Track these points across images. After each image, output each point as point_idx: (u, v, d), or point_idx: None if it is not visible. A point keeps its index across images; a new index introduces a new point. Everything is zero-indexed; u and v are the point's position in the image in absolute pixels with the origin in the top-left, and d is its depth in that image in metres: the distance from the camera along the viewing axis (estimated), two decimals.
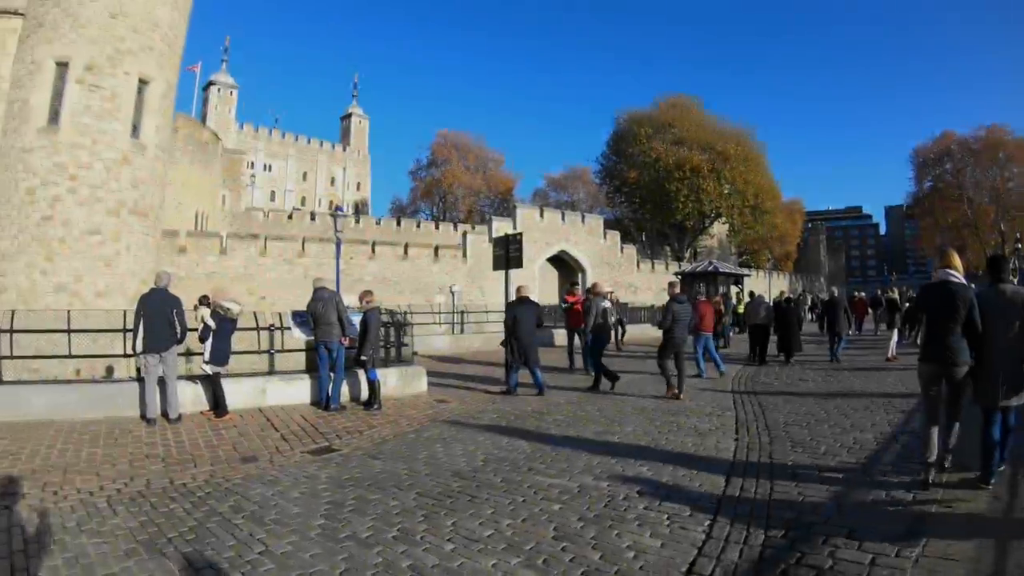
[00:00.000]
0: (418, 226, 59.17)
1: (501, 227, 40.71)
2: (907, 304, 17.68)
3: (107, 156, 17.89)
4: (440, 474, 6.60)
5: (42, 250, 17.23)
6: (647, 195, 66.55)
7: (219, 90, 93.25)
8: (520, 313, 12.07)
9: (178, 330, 9.48)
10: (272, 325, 11.34)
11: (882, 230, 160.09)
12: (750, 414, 9.25)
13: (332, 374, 10.52)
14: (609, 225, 73.36)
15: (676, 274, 32.35)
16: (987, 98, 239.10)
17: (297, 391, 10.82)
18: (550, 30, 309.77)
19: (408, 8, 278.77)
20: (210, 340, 9.74)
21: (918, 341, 6.18)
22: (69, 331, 10.82)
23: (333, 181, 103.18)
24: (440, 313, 30.03)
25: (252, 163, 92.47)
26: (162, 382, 9.44)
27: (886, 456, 6.81)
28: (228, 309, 9.89)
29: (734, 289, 29.86)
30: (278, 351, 11.33)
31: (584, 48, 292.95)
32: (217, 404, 9.71)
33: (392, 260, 37.72)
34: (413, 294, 36.38)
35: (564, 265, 45.73)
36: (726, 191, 63.59)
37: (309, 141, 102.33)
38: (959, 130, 79.76)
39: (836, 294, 17.70)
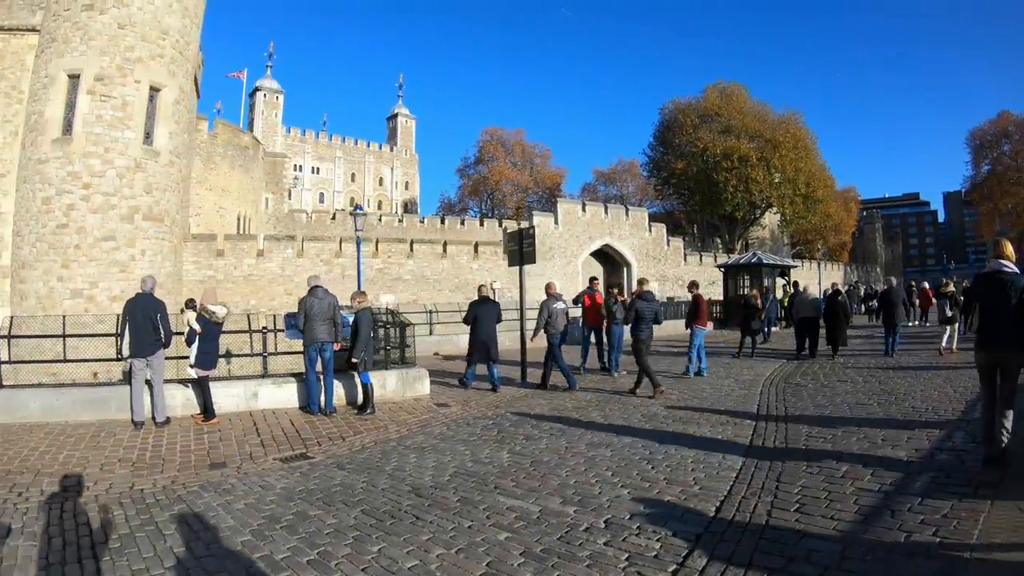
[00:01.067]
0: (462, 223, 58.81)
1: (542, 222, 40.23)
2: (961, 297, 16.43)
3: (120, 164, 18.08)
4: (398, 489, 6.08)
5: (58, 257, 17.54)
6: (695, 186, 64.98)
7: (264, 95, 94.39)
8: (481, 312, 12.54)
9: (162, 334, 9.27)
10: (265, 328, 11.07)
11: (941, 218, 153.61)
12: (769, 435, 7.65)
13: (323, 377, 10.18)
14: (659, 218, 72.56)
15: (719, 266, 31.27)
16: None
17: (290, 394, 10.49)
18: (597, 22, 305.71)
19: (450, 6, 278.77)
20: (196, 344, 9.51)
21: (973, 330, 6.21)
22: (64, 335, 10.81)
23: (381, 181, 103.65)
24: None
25: (300, 166, 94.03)
26: (151, 385, 9.28)
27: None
28: (213, 313, 9.61)
29: (779, 281, 28.62)
30: (271, 353, 11.01)
31: (633, 38, 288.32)
32: (206, 408, 9.45)
33: (431, 258, 37.45)
34: (453, 292, 36.13)
35: (610, 260, 44.85)
36: (776, 180, 61.53)
37: (356, 142, 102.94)
38: (1016, 110, 74.91)
39: (893, 284, 16.99)
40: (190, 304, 12.16)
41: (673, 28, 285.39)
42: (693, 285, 15.16)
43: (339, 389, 10.62)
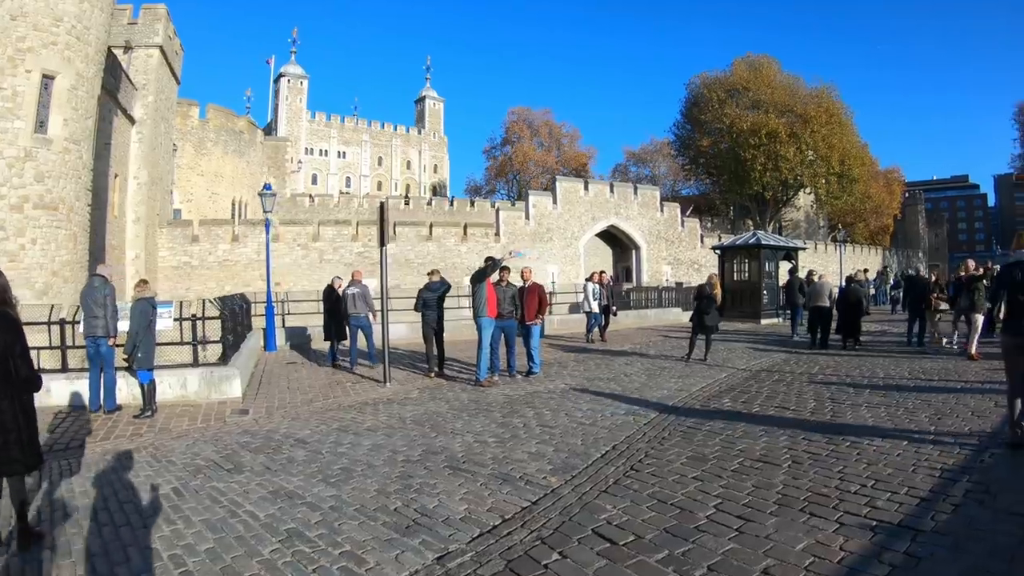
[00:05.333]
0: (472, 205, 57.17)
1: (539, 202, 38.26)
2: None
3: (9, 154, 17.40)
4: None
5: None
6: (723, 165, 61.99)
7: (289, 81, 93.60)
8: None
9: None
10: (63, 319, 10.01)
11: (991, 201, 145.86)
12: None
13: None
14: (691, 200, 69.88)
15: (714, 248, 28.70)
16: None
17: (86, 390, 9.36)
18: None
19: None
20: None
21: (1000, 317, 6.46)
22: None
23: (409, 165, 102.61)
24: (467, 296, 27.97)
25: (325, 151, 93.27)
26: None
27: None
28: None
29: (785, 265, 26.01)
30: (70, 347, 10.00)
31: (662, 12, 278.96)
32: None
33: (415, 241, 36.04)
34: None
35: (617, 242, 42.57)
36: (808, 157, 58.09)
37: (383, 126, 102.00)
38: None
39: (920, 271, 15.16)
40: None
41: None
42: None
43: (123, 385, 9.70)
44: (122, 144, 29.52)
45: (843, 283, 17.29)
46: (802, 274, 20.32)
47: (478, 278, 11.66)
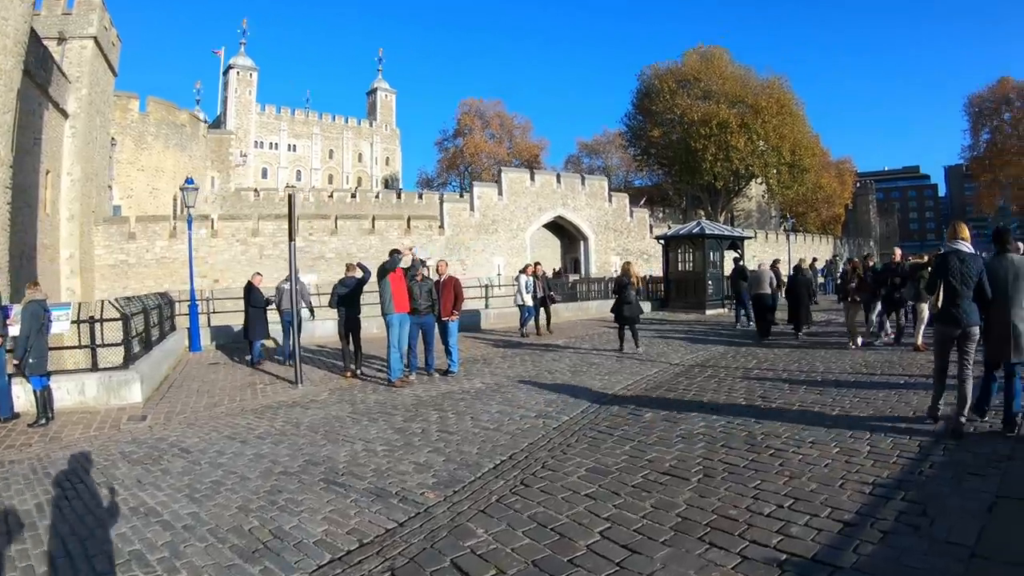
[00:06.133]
0: (420, 197, 55.90)
1: (485, 193, 37.33)
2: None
3: None
4: None
5: None
6: (674, 155, 61.71)
7: (238, 73, 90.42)
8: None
9: None
10: None
11: (942, 192, 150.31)
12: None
13: None
14: (645, 191, 69.54)
15: (657, 238, 28.04)
16: None
17: None
18: None
19: None
20: None
21: (938, 306, 6.49)
22: None
23: (361, 157, 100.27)
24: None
25: (276, 144, 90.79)
26: None
27: None
28: None
29: (730, 254, 25.39)
30: None
31: (615, 3, 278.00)
32: None
33: (358, 235, 34.93)
34: None
35: (565, 233, 41.87)
36: (760, 147, 58.07)
37: (334, 119, 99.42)
38: (1017, 76, 70.24)
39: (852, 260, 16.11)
40: None
41: None
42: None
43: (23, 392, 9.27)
44: (54, 139, 27.75)
45: (791, 272, 16.81)
46: (767, 264, 19.50)
47: (381, 273, 10.84)
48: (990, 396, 6.39)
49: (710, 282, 23.40)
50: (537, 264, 19.18)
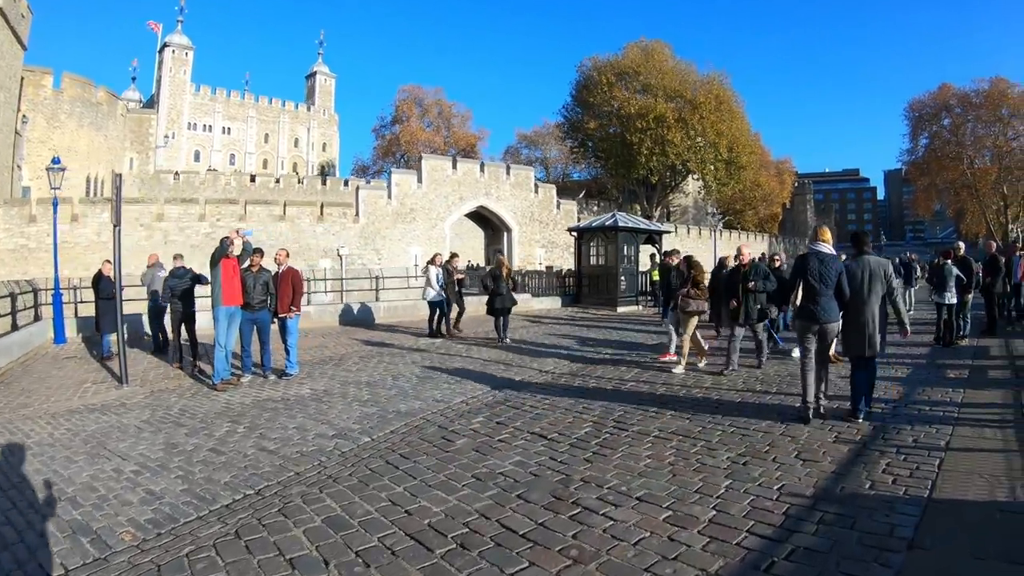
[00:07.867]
0: (345, 184, 53.93)
1: (403, 180, 35.81)
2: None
3: None
4: None
5: None
6: (610, 148, 60.86)
7: (173, 52, 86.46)
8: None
9: None
10: None
11: (881, 195, 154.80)
12: None
13: None
14: (582, 184, 68.68)
15: (569, 230, 26.86)
16: (990, 49, 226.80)
17: None
18: None
19: None
20: None
21: (796, 303, 6.71)
22: None
23: (297, 142, 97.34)
24: (326, 280, 25.59)
25: (209, 126, 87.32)
26: None
27: None
28: None
29: (648, 249, 24.33)
30: None
31: None
32: None
33: (268, 221, 33.08)
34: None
35: (488, 224, 40.48)
36: (697, 143, 57.56)
37: (271, 102, 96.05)
38: (957, 83, 71.05)
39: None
40: None
41: None
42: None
43: None
44: None
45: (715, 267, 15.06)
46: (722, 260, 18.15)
47: (213, 261, 9.47)
48: (860, 395, 6.59)
49: (623, 278, 22.26)
50: (454, 255, 17.10)
